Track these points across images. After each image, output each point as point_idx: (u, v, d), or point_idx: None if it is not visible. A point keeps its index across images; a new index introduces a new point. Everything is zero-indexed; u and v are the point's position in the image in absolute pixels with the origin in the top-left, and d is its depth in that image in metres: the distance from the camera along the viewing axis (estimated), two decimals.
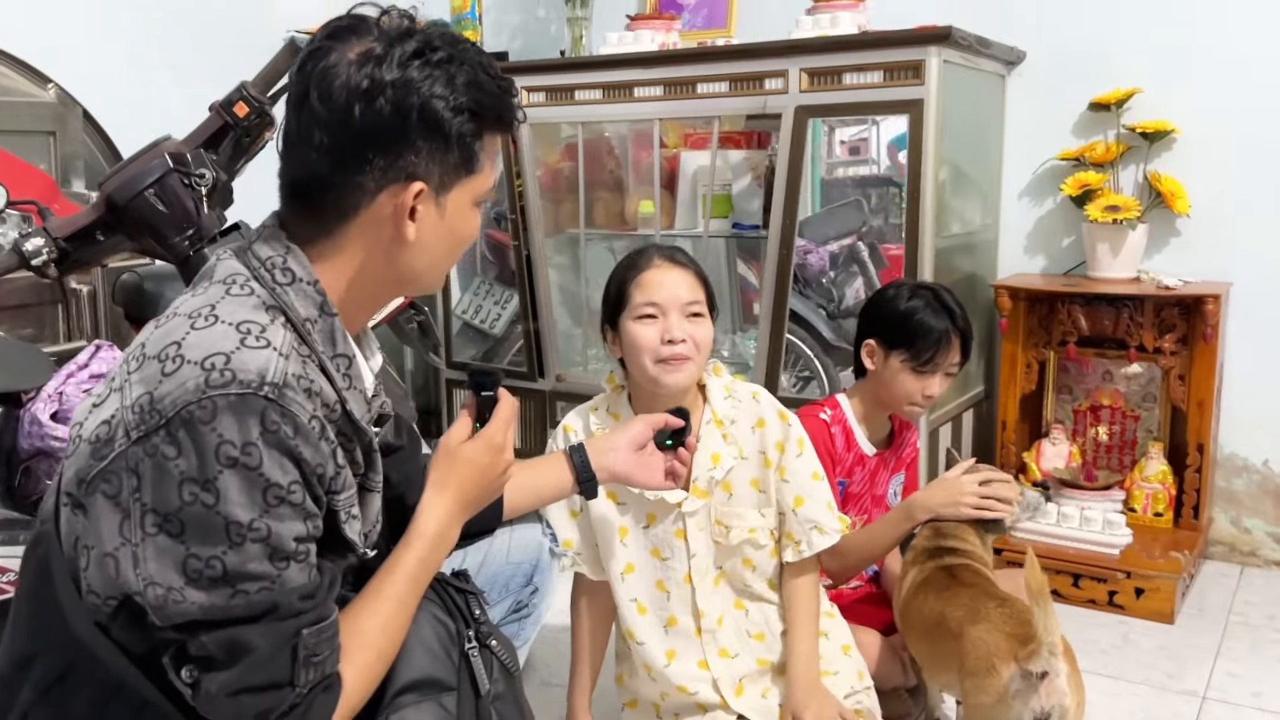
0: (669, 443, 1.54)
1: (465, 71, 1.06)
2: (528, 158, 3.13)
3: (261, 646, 0.95)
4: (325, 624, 1.00)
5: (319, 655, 0.99)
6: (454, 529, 1.19)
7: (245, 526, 0.94)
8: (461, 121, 1.06)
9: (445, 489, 1.18)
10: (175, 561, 0.94)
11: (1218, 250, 2.73)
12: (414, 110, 1.03)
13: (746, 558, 1.71)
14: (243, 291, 1.03)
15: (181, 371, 0.95)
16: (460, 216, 1.11)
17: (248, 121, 1.92)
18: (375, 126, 1.03)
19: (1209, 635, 2.38)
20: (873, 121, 3.17)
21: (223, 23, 3.14)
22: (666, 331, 1.62)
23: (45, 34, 2.72)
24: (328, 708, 1.01)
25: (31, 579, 1.04)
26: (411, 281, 1.14)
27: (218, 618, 0.94)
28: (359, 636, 1.07)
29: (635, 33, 3.01)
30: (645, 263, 1.68)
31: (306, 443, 0.98)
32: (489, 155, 1.12)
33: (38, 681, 1.02)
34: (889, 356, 1.98)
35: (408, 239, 1.08)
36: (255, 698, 0.96)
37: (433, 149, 1.06)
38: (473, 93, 1.06)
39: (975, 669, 1.57)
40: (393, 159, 1.04)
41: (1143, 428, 2.82)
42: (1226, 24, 2.67)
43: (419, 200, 1.07)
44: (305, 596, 0.98)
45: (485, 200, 1.15)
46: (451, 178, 1.08)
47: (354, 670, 1.05)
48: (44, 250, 1.83)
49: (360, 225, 1.07)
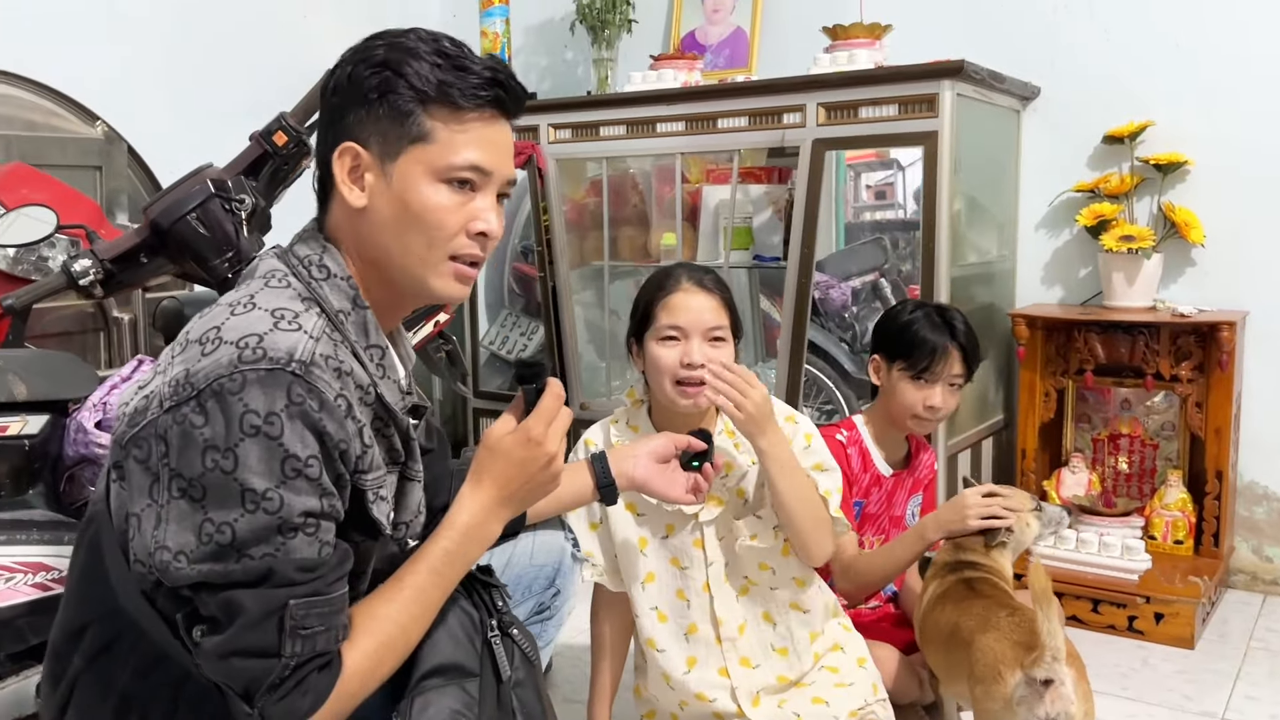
0: (694, 464, 1.58)
1: (411, 43, 1.12)
2: (554, 193, 3.22)
3: (251, 610, 0.99)
4: (320, 599, 1.02)
5: (308, 628, 1.01)
6: (491, 523, 1.19)
7: (259, 494, 0.98)
8: (382, 79, 1.10)
9: (480, 482, 1.19)
10: (193, 526, 0.99)
11: (1233, 279, 2.77)
12: (349, 77, 1.12)
13: (761, 562, 1.75)
14: (280, 284, 1.11)
15: (218, 351, 1.01)
16: (411, 186, 1.12)
17: (286, 150, 2.00)
18: (329, 100, 1.13)
19: (1229, 660, 2.38)
20: (898, 167, 3.25)
21: (263, 63, 3.26)
22: (686, 355, 1.66)
23: (94, 73, 2.84)
24: (323, 686, 1.03)
25: (84, 554, 1.11)
26: (387, 263, 1.15)
27: (217, 581, 0.99)
28: (370, 622, 1.09)
29: (659, 72, 3.10)
30: (673, 285, 1.72)
31: (331, 418, 1.02)
32: (446, 127, 1.12)
33: (86, 651, 1.08)
34: (891, 369, 2.05)
35: (354, 205, 1.13)
36: (245, 663, 0.99)
37: (361, 111, 1.11)
38: (404, 57, 1.11)
39: (983, 676, 1.60)
40: (338, 127, 1.13)
41: (1162, 456, 2.84)
42: (1237, 57, 2.72)
43: (363, 167, 1.12)
44: (303, 569, 1.01)
45: (451, 177, 1.13)
46: (394, 143, 1.11)
47: (358, 654, 1.06)
48: (91, 271, 1.91)
49: (335, 205, 1.16)
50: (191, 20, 3.13)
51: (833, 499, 1.71)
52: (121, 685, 1.07)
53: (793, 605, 1.77)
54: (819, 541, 1.70)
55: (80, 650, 1.09)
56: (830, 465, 1.75)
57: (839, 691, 1.77)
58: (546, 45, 3.78)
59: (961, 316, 2.07)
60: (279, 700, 1.00)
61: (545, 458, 1.19)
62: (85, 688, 1.09)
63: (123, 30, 2.97)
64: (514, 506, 1.21)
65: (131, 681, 1.06)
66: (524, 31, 3.73)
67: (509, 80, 1.16)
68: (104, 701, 1.08)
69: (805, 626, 1.78)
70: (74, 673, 1.09)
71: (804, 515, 1.67)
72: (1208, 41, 2.76)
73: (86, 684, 1.09)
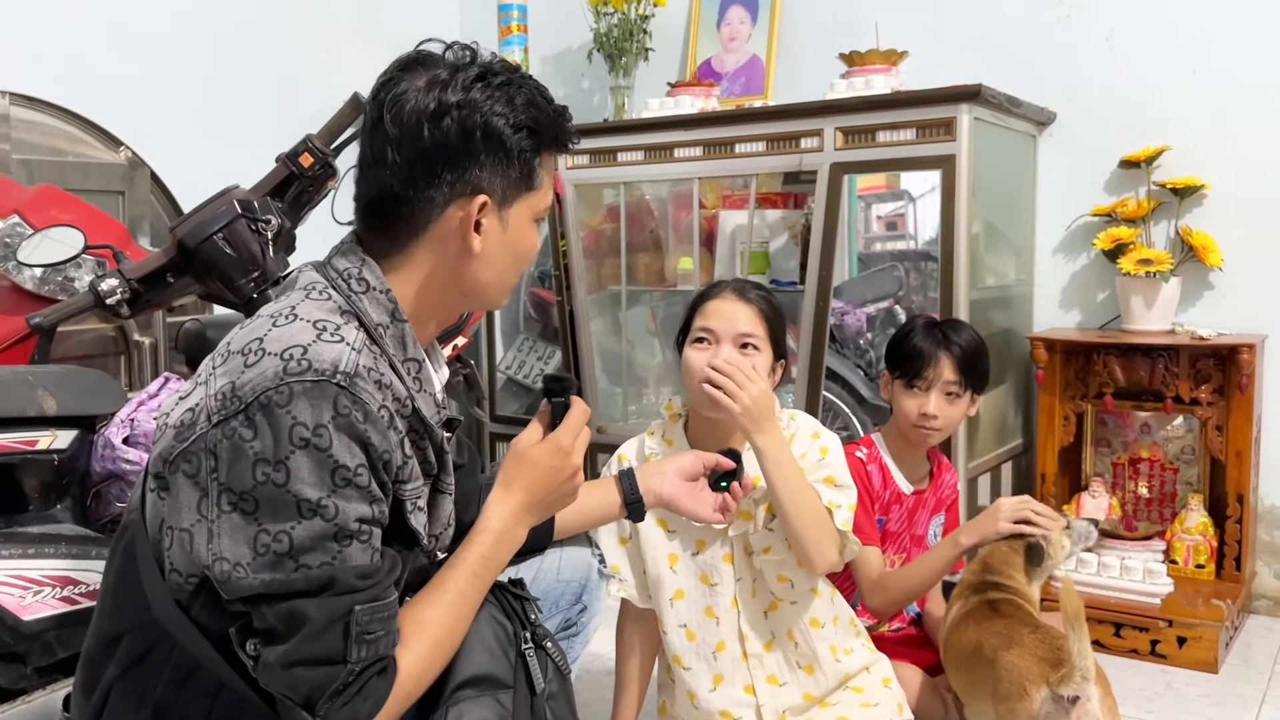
0: (723, 484, 1.58)
1: (523, 93, 1.16)
2: (572, 219, 3.24)
3: (315, 619, 1.00)
4: (380, 604, 1.04)
5: (372, 633, 1.03)
6: (519, 528, 1.23)
7: (314, 504, 1.00)
8: (521, 138, 1.15)
9: (511, 489, 1.23)
10: (247, 538, 1.00)
11: (1251, 302, 2.77)
12: (478, 128, 1.13)
13: (779, 574, 1.75)
14: (321, 297, 1.12)
15: (262, 363, 1.02)
16: (521, 231, 1.20)
17: (312, 172, 2.02)
18: (443, 144, 1.12)
19: (1254, 685, 2.36)
20: (909, 198, 3.27)
21: (286, 90, 3.30)
22: (713, 358, 1.67)
23: (118, 99, 2.87)
24: (382, 690, 1.04)
25: (118, 563, 1.11)
26: (476, 294, 1.21)
27: (278, 591, 1.00)
28: (418, 625, 1.11)
29: (676, 99, 3.13)
30: (715, 293, 1.75)
31: (375, 429, 1.04)
32: (547, 172, 1.20)
33: (120, 660, 1.08)
34: (893, 381, 2.07)
35: (473, 250, 1.16)
36: (309, 671, 1.00)
37: (495, 164, 1.15)
38: (530, 112, 1.16)
39: (1008, 693, 1.59)
40: (459, 174, 1.13)
41: (1182, 480, 2.83)
42: (1252, 82, 2.74)
43: (483, 213, 1.15)
44: (363, 575, 1.02)
45: (542, 218, 1.22)
46: (513, 193, 1.17)
47: (411, 657, 1.08)
48: (118, 290, 1.92)
49: (430, 239, 1.16)
50: (215, 47, 3.17)
51: (840, 512, 1.68)
52: (155, 695, 1.07)
53: (813, 622, 1.77)
54: (820, 548, 1.65)
55: (115, 659, 1.09)
56: (845, 482, 1.73)
57: (865, 712, 1.77)
58: (564, 74, 3.83)
59: (967, 330, 2.09)
60: (342, 706, 1.01)
61: (572, 469, 1.25)
62: (119, 697, 1.09)
63: (146, 56, 3.01)
64: (538, 514, 1.26)
65: (165, 692, 1.07)
66: (541, 60, 3.77)
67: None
68: (138, 711, 1.08)
69: (825, 641, 1.78)
70: (108, 681, 1.09)
71: (801, 518, 1.64)
72: (1223, 66, 2.77)
73: (120, 693, 1.09)
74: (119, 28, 2.95)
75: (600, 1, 3.37)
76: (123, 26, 2.95)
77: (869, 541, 1.96)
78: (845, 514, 1.69)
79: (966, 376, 2.05)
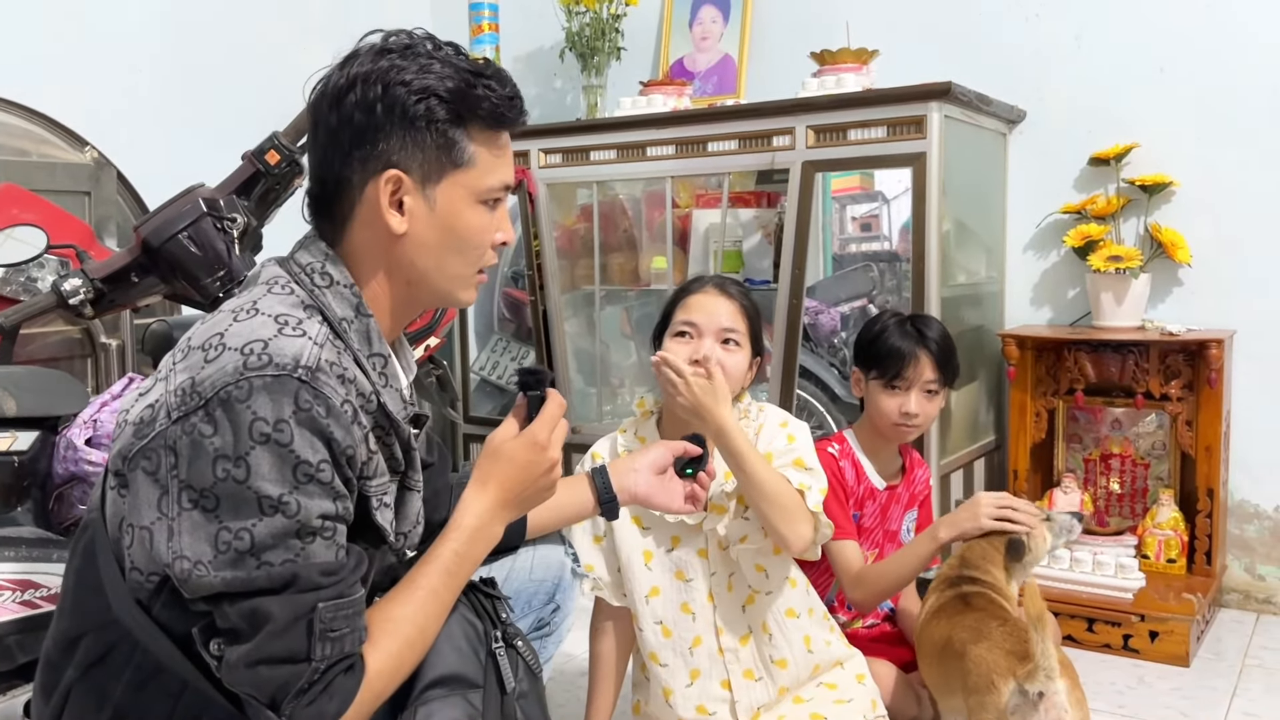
0: (689, 471, 1.58)
1: (437, 63, 1.10)
2: (545, 219, 3.22)
3: (278, 617, 0.98)
4: (345, 601, 1.02)
5: (336, 631, 1.01)
6: (494, 525, 1.20)
7: (275, 501, 0.98)
8: (428, 108, 1.09)
9: (486, 485, 1.20)
10: (207, 536, 0.98)
11: (1220, 298, 2.79)
12: (379, 100, 1.09)
13: (757, 563, 1.75)
14: (283, 292, 1.10)
15: (222, 358, 1.00)
16: (454, 211, 1.13)
17: (279, 169, 2.00)
18: (348, 120, 1.10)
19: (1225, 678, 2.38)
20: (883, 199, 3.27)
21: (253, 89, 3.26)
22: (695, 352, 1.68)
23: (84, 99, 2.84)
24: (349, 688, 1.03)
25: (78, 563, 1.09)
26: (422, 283, 1.16)
27: (240, 589, 0.98)
28: (388, 623, 1.09)
29: (648, 98, 3.12)
30: (696, 287, 1.76)
31: (338, 424, 1.02)
32: (488, 149, 1.13)
33: (80, 662, 1.06)
34: (868, 380, 2.07)
35: (395, 231, 1.12)
36: (273, 670, 0.98)
37: (404, 137, 1.09)
38: (441, 81, 1.10)
39: (977, 686, 1.60)
40: (368, 150, 1.10)
41: (1153, 475, 2.84)
42: (1219, 80, 2.76)
43: (403, 191, 1.11)
44: (326, 572, 1.01)
45: (488, 199, 1.15)
46: (436, 169, 1.11)
47: (380, 655, 1.07)
48: (81, 290, 1.89)
49: (360, 223, 1.13)
50: (182, 46, 3.14)
51: (810, 494, 1.68)
52: (116, 697, 1.05)
53: (788, 612, 1.77)
54: (792, 528, 1.65)
55: (74, 661, 1.07)
56: (813, 465, 1.73)
57: (838, 708, 1.77)
58: (536, 73, 3.81)
59: (937, 324, 2.10)
60: (308, 705, 0.99)
61: (548, 463, 1.22)
62: (79, 699, 1.07)
63: (113, 56, 2.97)
64: (515, 509, 1.22)
65: (126, 693, 1.05)
66: (514, 59, 3.76)
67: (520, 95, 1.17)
68: (98, 713, 1.06)
69: (800, 632, 1.78)
70: (67, 683, 1.07)
71: (767, 500, 1.63)
72: (1191, 64, 2.79)
73: (80, 695, 1.07)
74: (85, 27, 2.91)
75: (572, 1, 3.35)
76: (89, 26, 2.92)
77: (846, 535, 1.96)
78: (816, 496, 1.69)
79: (944, 373, 2.05)
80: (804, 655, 1.77)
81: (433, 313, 2.47)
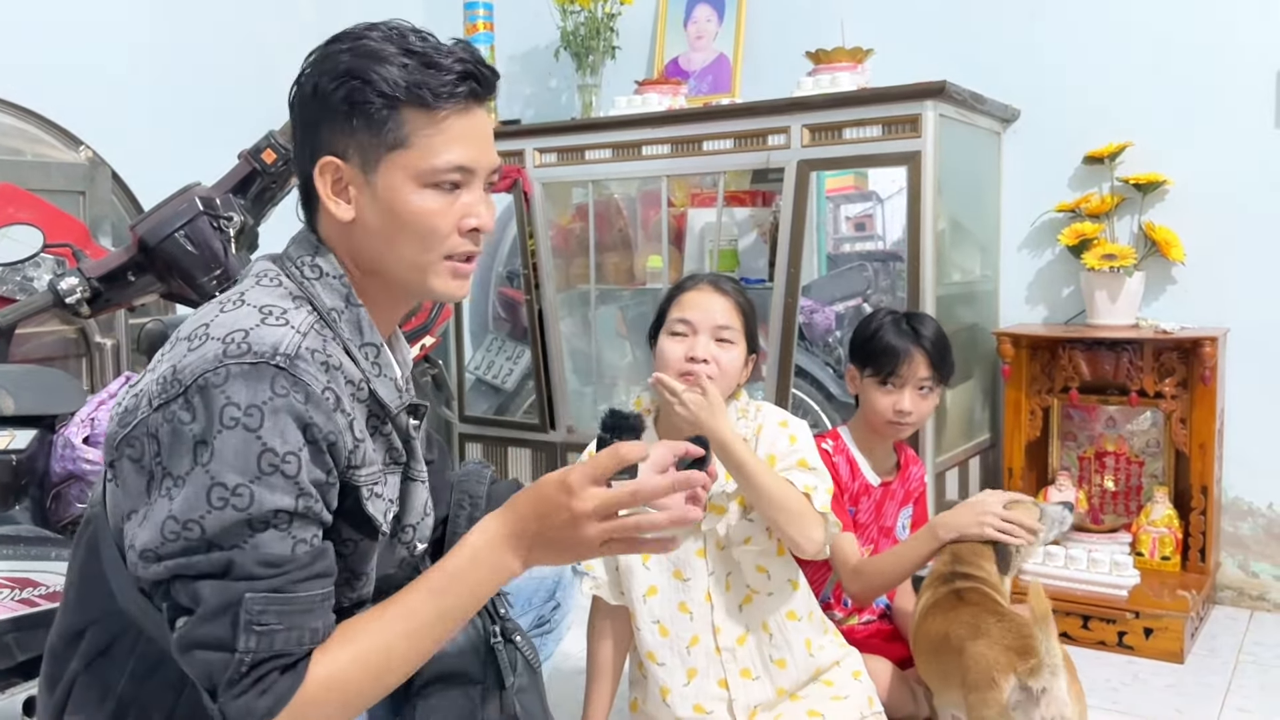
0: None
1: (376, 44, 1.09)
2: (540, 218, 3.23)
3: (209, 600, 0.97)
4: (281, 596, 0.98)
5: (264, 625, 0.97)
6: (501, 553, 1.09)
7: (229, 490, 0.96)
8: (350, 89, 1.07)
9: (505, 511, 1.11)
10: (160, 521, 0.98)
11: (1214, 296, 2.80)
12: (314, 88, 1.10)
13: (758, 564, 1.75)
14: (271, 284, 1.10)
15: (204, 346, 1.01)
16: (396, 195, 1.10)
17: (275, 168, 2.00)
18: (300, 112, 1.12)
19: (1219, 675, 2.39)
20: (877, 199, 3.28)
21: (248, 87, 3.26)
22: (691, 349, 1.68)
23: (79, 98, 2.83)
24: (284, 690, 0.98)
25: (81, 555, 1.10)
26: (385, 273, 1.14)
27: (183, 572, 0.97)
28: (350, 631, 1.04)
29: (644, 97, 3.13)
30: (691, 285, 1.76)
31: (319, 410, 1.01)
32: (426, 129, 1.09)
33: (84, 653, 1.06)
34: (862, 377, 2.07)
35: (341, 219, 1.11)
36: (204, 654, 0.97)
37: (338, 122, 1.09)
38: (372, 63, 1.07)
39: (976, 683, 1.61)
40: (313, 140, 1.11)
41: (1147, 473, 2.85)
42: (1212, 79, 2.78)
43: (345, 179, 1.10)
44: (268, 564, 0.98)
45: (435, 181, 1.10)
46: (373, 153, 1.09)
47: (328, 660, 1.01)
48: (78, 289, 1.90)
49: (323, 214, 1.14)
50: (177, 45, 3.14)
51: (817, 495, 1.68)
52: (119, 689, 1.06)
53: (789, 614, 1.77)
54: (802, 530, 1.65)
55: (78, 653, 1.07)
56: (816, 464, 1.74)
57: (835, 705, 1.77)
58: (531, 72, 3.81)
59: (931, 322, 2.11)
60: (236, 697, 0.96)
61: (569, 512, 1.07)
62: (82, 690, 1.07)
63: (107, 55, 2.97)
64: (528, 547, 1.10)
65: (129, 685, 1.05)
66: (508, 59, 3.76)
67: (479, 68, 1.12)
68: (101, 704, 1.06)
69: (800, 635, 1.78)
70: (71, 675, 1.07)
71: (772, 504, 1.64)
72: (1184, 63, 2.81)
73: (83, 687, 1.07)
74: (79, 26, 2.90)
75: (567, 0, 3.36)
76: (83, 25, 2.91)
77: (843, 529, 1.97)
78: (823, 496, 1.69)
79: (938, 371, 2.06)
80: (805, 658, 1.77)
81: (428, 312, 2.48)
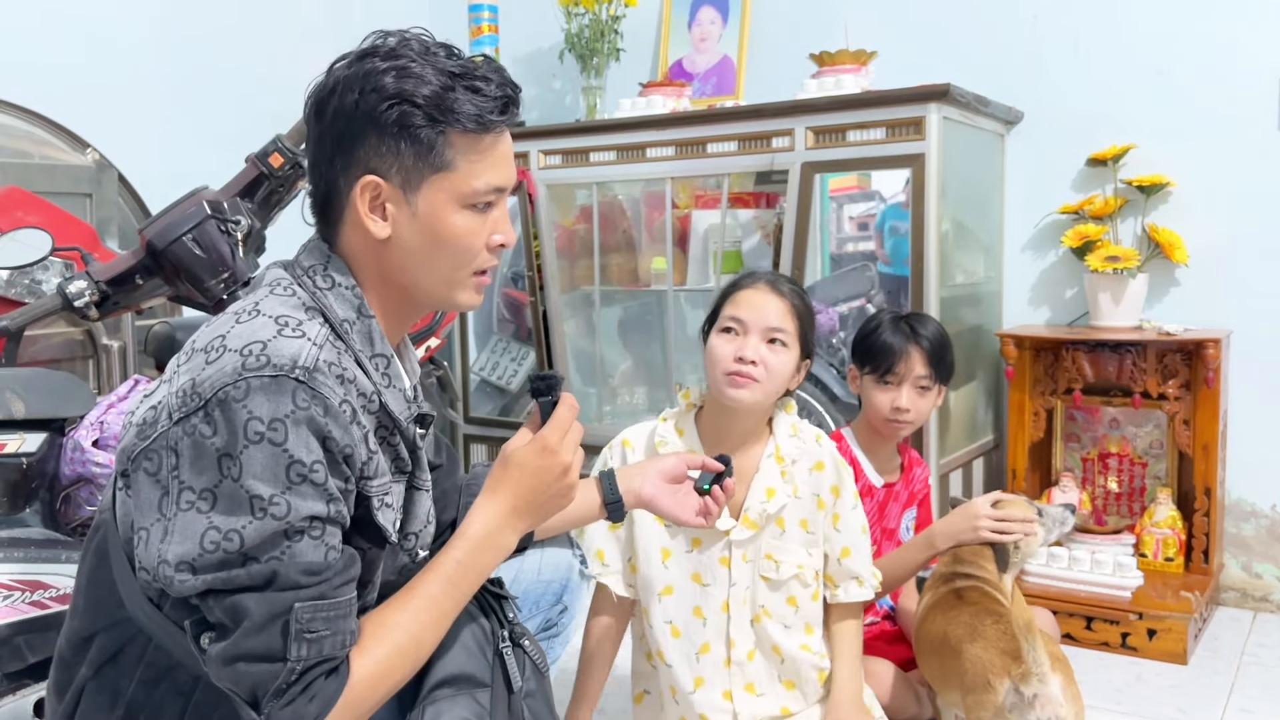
0: (706, 487, 1.53)
1: (417, 64, 1.09)
2: (544, 220, 3.23)
3: (255, 614, 0.98)
4: (326, 602, 1.00)
5: (314, 632, 0.99)
6: (505, 533, 1.17)
7: (265, 500, 0.98)
8: (402, 113, 1.08)
9: (495, 493, 1.17)
10: (197, 535, 0.98)
11: (1217, 298, 2.81)
12: (356, 105, 1.08)
13: (791, 595, 1.74)
14: (285, 293, 1.11)
15: (222, 359, 1.01)
16: (437, 216, 1.11)
17: (282, 172, 2.01)
18: (331, 125, 1.10)
19: (1223, 675, 2.39)
20: (880, 199, 3.28)
21: (255, 90, 3.27)
22: (740, 349, 1.66)
23: (85, 100, 2.84)
24: (330, 692, 1.01)
25: (90, 562, 1.10)
26: (414, 286, 1.15)
27: (222, 587, 0.98)
28: (380, 629, 1.08)
29: (648, 99, 3.14)
30: (747, 282, 1.73)
31: (336, 423, 1.02)
32: (469, 153, 1.11)
33: (93, 660, 1.07)
34: (862, 376, 2.10)
35: (378, 236, 1.12)
36: (250, 667, 0.98)
37: (382, 143, 1.09)
38: (419, 84, 1.08)
39: (973, 685, 1.63)
40: (349, 155, 1.10)
41: (1151, 474, 2.86)
42: (1215, 81, 2.78)
43: (384, 197, 1.11)
44: (309, 572, 1.00)
45: (476, 203, 1.13)
46: (416, 174, 1.10)
47: (367, 661, 1.05)
48: (86, 293, 1.91)
49: (350, 227, 1.14)
50: (183, 48, 3.15)
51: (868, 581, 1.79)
52: (128, 695, 1.06)
53: (803, 647, 1.75)
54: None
55: (87, 659, 1.08)
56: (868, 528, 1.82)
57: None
58: (535, 74, 3.82)
59: (932, 322, 2.13)
60: (285, 705, 0.98)
61: (560, 467, 1.18)
62: (91, 697, 1.08)
63: (113, 57, 2.98)
64: (530, 516, 1.19)
65: (138, 691, 1.06)
66: (513, 61, 3.77)
67: (514, 91, 1.15)
68: (110, 711, 1.07)
69: (815, 668, 1.77)
70: (80, 682, 1.08)
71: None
72: (1186, 66, 2.81)
73: (92, 693, 1.08)
74: (85, 29, 2.91)
75: (571, 2, 3.37)
76: (89, 28, 2.92)
77: None
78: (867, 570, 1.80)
79: (936, 369, 2.07)
80: (815, 687, 1.77)
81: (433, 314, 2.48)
